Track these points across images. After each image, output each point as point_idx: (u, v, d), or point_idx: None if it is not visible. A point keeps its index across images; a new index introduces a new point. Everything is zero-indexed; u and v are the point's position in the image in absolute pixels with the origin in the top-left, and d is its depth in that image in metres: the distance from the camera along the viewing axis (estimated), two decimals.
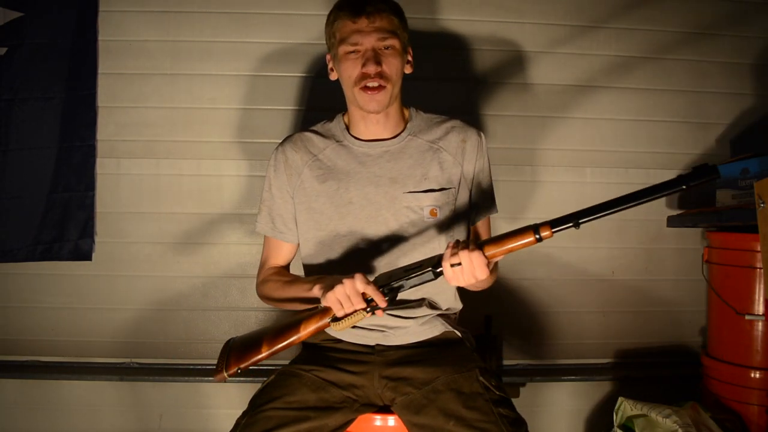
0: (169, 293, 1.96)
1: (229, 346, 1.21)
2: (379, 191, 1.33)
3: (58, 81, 1.87)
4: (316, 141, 1.40)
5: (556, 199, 2.00)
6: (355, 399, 1.26)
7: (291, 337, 1.16)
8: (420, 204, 1.33)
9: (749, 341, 1.74)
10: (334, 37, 1.32)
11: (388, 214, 1.33)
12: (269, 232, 1.42)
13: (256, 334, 1.21)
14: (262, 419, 1.14)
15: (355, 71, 1.29)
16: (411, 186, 1.33)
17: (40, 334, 1.95)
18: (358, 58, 1.29)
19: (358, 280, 1.12)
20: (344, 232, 1.33)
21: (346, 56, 1.30)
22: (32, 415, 1.97)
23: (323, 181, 1.36)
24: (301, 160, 1.38)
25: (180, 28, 1.92)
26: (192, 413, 1.99)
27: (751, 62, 2.03)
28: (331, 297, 1.13)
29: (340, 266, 1.33)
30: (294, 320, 1.18)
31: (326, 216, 1.34)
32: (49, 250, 1.89)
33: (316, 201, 1.35)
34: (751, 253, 1.72)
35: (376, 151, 1.37)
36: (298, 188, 1.37)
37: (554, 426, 2.06)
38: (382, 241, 1.33)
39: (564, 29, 1.99)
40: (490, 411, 1.14)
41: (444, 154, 1.37)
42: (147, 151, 1.93)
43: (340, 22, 1.30)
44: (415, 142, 1.38)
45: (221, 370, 1.15)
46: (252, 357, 1.15)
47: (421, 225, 1.33)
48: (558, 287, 2.03)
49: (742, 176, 1.78)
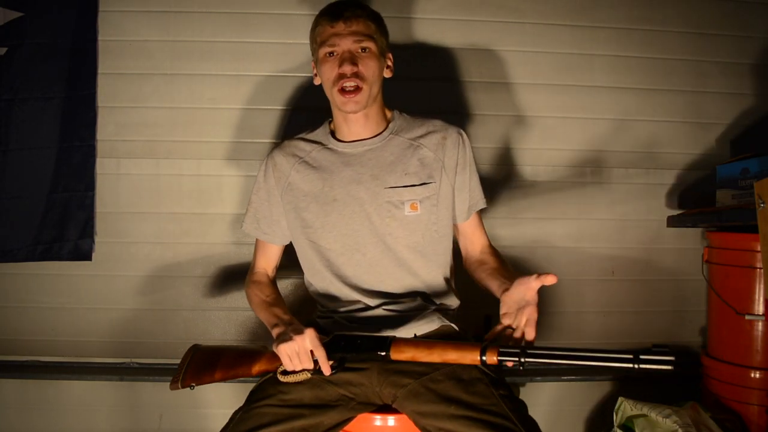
0: (169, 293, 1.96)
1: (191, 355, 1.27)
2: (361, 188, 1.38)
3: (58, 81, 1.87)
4: (303, 146, 1.47)
5: (556, 199, 2.00)
6: (351, 397, 1.26)
7: (241, 372, 1.23)
8: (401, 198, 1.37)
9: (749, 341, 1.74)
10: (315, 42, 1.40)
11: (370, 209, 1.37)
12: (253, 232, 1.49)
13: (215, 355, 1.27)
14: (256, 415, 1.16)
15: (332, 72, 1.36)
16: (391, 182, 1.38)
17: (39, 334, 1.95)
18: (335, 60, 1.36)
19: (308, 339, 1.16)
20: (329, 229, 1.38)
21: (324, 59, 1.37)
22: (32, 415, 1.97)
23: (309, 182, 1.41)
24: (288, 163, 1.44)
25: (180, 28, 1.92)
26: (192, 413, 1.99)
27: (751, 62, 2.03)
28: (282, 351, 1.17)
29: (329, 264, 1.39)
30: (249, 353, 1.25)
31: (312, 214, 1.40)
32: (49, 250, 1.89)
33: (303, 200, 1.41)
34: (751, 253, 1.72)
35: (358, 150, 1.42)
36: (286, 189, 1.44)
37: (554, 426, 2.05)
38: (366, 236, 1.37)
39: (564, 29, 1.99)
40: (490, 394, 1.16)
41: (424, 150, 1.41)
42: (147, 151, 1.93)
43: (320, 27, 1.39)
44: (396, 140, 1.43)
45: (177, 380, 1.21)
46: (205, 379, 1.22)
47: (402, 219, 1.37)
48: (558, 287, 2.02)
49: (742, 176, 1.79)
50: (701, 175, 2.03)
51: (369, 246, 1.37)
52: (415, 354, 1.16)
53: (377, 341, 1.20)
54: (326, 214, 1.38)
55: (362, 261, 1.37)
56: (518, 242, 2.00)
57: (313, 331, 1.17)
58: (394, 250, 1.37)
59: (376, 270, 1.38)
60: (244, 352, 1.27)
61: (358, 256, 1.37)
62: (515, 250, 2.00)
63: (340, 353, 1.20)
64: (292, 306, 1.89)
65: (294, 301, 1.94)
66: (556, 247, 2.02)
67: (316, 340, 1.17)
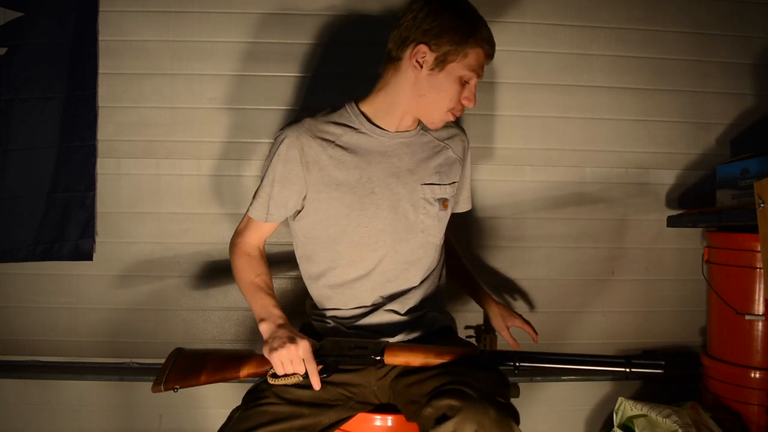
0: (169, 293, 1.96)
1: (174, 358, 1.23)
2: (399, 182, 1.34)
3: (58, 81, 1.87)
4: (330, 128, 1.33)
5: (556, 199, 2.00)
6: (349, 396, 1.26)
7: (229, 376, 1.21)
8: (435, 196, 1.38)
9: (749, 341, 1.74)
10: (462, 54, 1.25)
11: (407, 205, 1.35)
12: (262, 218, 1.35)
13: (200, 357, 1.23)
14: (256, 414, 1.15)
15: (457, 97, 1.29)
16: (427, 178, 1.37)
17: (39, 334, 1.95)
18: (470, 89, 1.30)
19: (302, 350, 1.16)
20: (365, 223, 1.33)
21: (460, 79, 1.27)
22: (32, 415, 1.97)
23: (345, 170, 1.31)
24: (318, 146, 1.30)
25: (180, 28, 1.92)
26: (192, 413, 1.99)
27: (751, 62, 2.03)
28: (274, 357, 1.16)
29: (352, 260, 1.34)
30: (236, 356, 1.23)
31: (347, 206, 1.32)
32: (49, 250, 1.89)
33: (338, 189, 1.31)
34: (751, 253, 1.72)
35: (394, 142, 1.36)
36: (317, 176, 1.31)
37: (554, 426, 2.05)
38: (401, 233, 1.34)
39: (564, 29, 1.99)
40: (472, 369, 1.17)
41: (450, 151, 1.44)
42: (147, 151, 1.93)
43: (478, 49, 1.26)
44: (427, 137, 1.42)
45: (160, 383, 1.18)
46: (190, 382, 1.19)
47: (435, 216, 1.38)
48: (558, 287, 2.03)
49: (742, 176, 1.79)
50: (701, 175, 2.03)
51: (403, 243, 1.34)
52: (409, 359, 1.17)
53: (371, 348, 1.19)
54: (363, 207, 1.32)
55: (395, 258, 1.34)
56: (518, 242, 2.00)
57: (308, 344, 1.17)
58: (425, 248, 1.37)
59: (403, 267, 1.35)
60: (232, 355, 1.24)
61: (392, 253, 1.34)
62: (515, 250, 2.00)
63: (333, 358, 1.19)
64: (288, 305, 1.89)
65: (293, 300, 1.94)
66: (556, 247, 2.02)
67: (309, 353, 1.16)
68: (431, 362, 1.16)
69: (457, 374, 1.13)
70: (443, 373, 1.15)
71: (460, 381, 1.10)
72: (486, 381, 1.13)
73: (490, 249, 2.00)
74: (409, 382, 1.22)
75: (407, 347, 1.19)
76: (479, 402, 1.03)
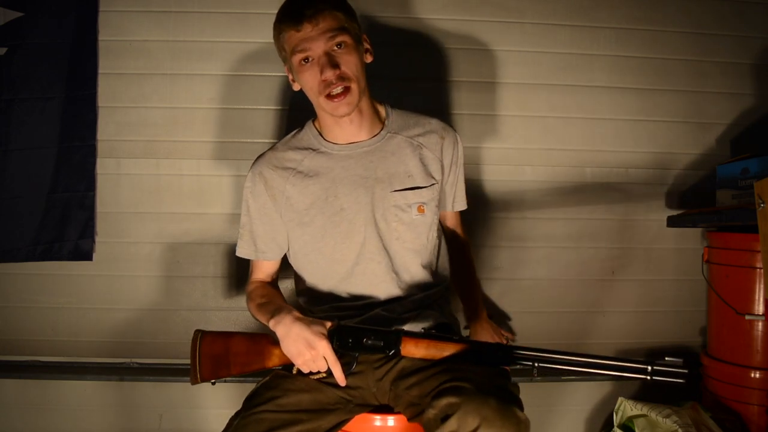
0: (169, 293, 1.96)
1: (198, 345, 1.23)
2: (367, 192, 1.32)
3: (58, 81, 1.87)
4: (291, 155, 1.36)
5: (556, 199, 2.00)
6: (349, 399, 1.26)
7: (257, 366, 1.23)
8: (407, 202, 1.34)
9: (749, 341, 1.74)
10: (284, 50, 1.29)
11: (378, 215, 1.33)
12: (252, 255, 1.41)
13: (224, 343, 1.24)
14: (254, 421, 1.14)
15: (314, 80, 1.25)
16: (397, 184, 1.33)
17: (39, 334, 1.95)
18: (313, 66, 1.25)
19: (321, 350, 1.15)
20: (341, 239, 1.33)
21: (300, 66, 1.26)
22: (32, 415, 1.97)
23: (310, 194, 1.33)
24: (280, 177, 1.34)
25: (180, 28, 1.92)
26: (192, 413, 1.99)
27: (751, 62, 2.03)
28: (296, 361, 1.17)
29: (336, 274, 1.35)
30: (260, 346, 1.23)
31: (319, 227, 1.33)
32: (49, 250, 1.89)
33: (307, 215, 1.34)
34: (751, 253, 1.72)
35: (357, 153, 1.34)
36: (285, 206, 1.35)
37: (554, 426, 2.06)
38: (375, 243, 1.33)
39: (564, 29, 1.99)
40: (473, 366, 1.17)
41: (425, 150, 1.38)
42: (147, 151, 1.93)
43: (285, 33, 1.27)
44: (396, 140, 1.37)
45: (196, 375, 1.22)
46: (221, 374, 1.23)
47: (410, 223, 1.34)
48: (558, 287, 2.03)
49: (742, 176, 1.78)
50: (701, 175, 2.03)
51: (383, 252, 1.33)
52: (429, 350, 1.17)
53: (385, 337, 1.18)
54: (335, 225, 1.32)
55: (376, 269, 1.33)
56: (518, 242, 2.00)
57: (326, 345, 1.15)
58: (400, 254, 1.34)
59: (382, 275, 1.34)
60: (255, 345, 1.24)
61: (372, 264, 1.33)
62: (515, 250, 2.00)
63: (348, 352, 1.19)
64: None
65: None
66: (556, 247, 2.02)
67: (329, 352, 1.16)
68: (446, 353, 1.16)
69: (456, 371, 1.13)
70: (442, 371, 1.15)
71: (458, 377, 1.09)
72: (484, 374, 1.13)
73: (490, 249, 2.00)
74: (408, 383, 1.21)
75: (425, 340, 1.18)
76: (477, 394, 1.02)
